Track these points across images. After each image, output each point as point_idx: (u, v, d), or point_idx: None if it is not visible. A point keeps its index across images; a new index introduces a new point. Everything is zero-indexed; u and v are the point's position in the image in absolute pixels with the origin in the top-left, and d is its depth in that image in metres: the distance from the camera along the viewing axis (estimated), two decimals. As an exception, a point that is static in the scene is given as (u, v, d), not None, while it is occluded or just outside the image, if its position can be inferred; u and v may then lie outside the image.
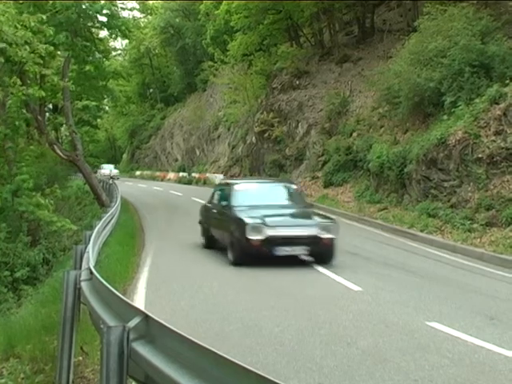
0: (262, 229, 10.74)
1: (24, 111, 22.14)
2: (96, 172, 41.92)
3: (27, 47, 14.11)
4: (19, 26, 13.91)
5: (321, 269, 10.73)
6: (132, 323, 3.13)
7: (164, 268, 11.53)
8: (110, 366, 3.01)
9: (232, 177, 36.08)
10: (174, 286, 9.68)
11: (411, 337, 6.55)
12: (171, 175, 50.06)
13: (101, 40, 25.93)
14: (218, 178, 37.91)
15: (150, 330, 3.10)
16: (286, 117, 29.64)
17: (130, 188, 38.38)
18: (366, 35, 29.05)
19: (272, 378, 2.00)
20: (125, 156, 74.47)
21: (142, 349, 3.00)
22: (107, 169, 53.62)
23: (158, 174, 53.64)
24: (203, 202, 15.40)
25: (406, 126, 19.16)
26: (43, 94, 18.66)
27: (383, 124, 21.42)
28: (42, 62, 16.62)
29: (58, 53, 24.86)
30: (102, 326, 3.37)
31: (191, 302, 8.44)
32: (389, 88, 19.72)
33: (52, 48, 17.04)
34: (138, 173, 59.48)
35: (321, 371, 5.43)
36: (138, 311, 3.34)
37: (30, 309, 9.10)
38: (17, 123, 19.29)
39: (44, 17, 16.23)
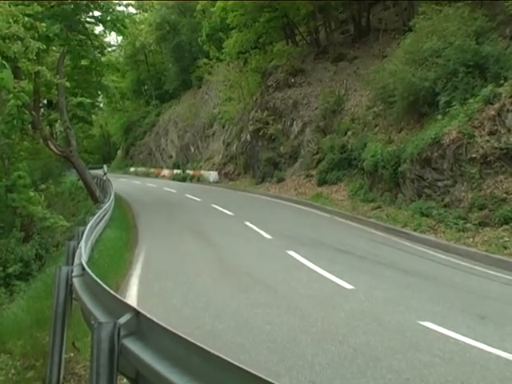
0: None
1: (25, 110, 21.98)
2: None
3: (19, 42, 13.98)
4: (12, 21, 13.77)
5: (313, 267, 10.74)
6: (123, 319, 3.12)
7: (157, 265, 11.53)
8: (101, 362, 3.00)
9: (226, 174, 36.05)
10: (167, 283, 9.67)
11: (403, 335, 6.56)
12: (166, 172, 49.94)
13: (96, 36, 25.78)
14: (212, 175, 37.81)
15: (141, 326, 3.09)
16: (281, 115, 29.63)
17: (124, 185, 38.32)
18: (362, 34, 29.04)
19: (263, 376, 1.99)
20: (119, 152, 74.21)
21: (132, 345, 2.98)
22: None
23: (152, 170, 53.52)
24: (197, 199, 15.44)
25: (401, 125, 19.17)
26: (31, 87, 18.49)
27: (378, 123, 21.44)
28: (35, 58, 16.48)
29: (54, 48, 24.75)
30: (92, 322, 3.35)
31: (184, 299, 8.44)
32: (384, 87, 19.73)
33: (44, 47, 16.91)
34: (132, 169, 59.34)
35: (312, 369, 5.43)
36: (128, 307, 3.33)
37: (22, 304, 9.05)
38: (15, 122, 19.14)
39: (39, 8, 16.11)
